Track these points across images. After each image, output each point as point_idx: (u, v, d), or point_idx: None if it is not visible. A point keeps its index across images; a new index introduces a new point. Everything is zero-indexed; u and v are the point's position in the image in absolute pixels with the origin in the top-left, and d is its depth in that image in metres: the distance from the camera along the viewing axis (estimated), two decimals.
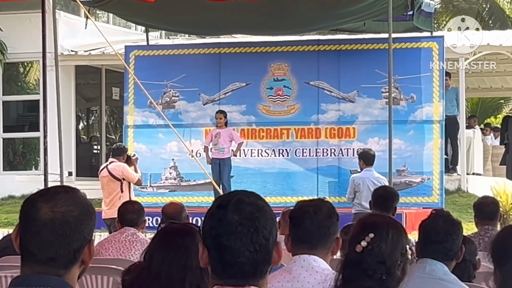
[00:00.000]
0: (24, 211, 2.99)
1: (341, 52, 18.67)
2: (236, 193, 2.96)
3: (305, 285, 4.30)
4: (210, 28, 17.56)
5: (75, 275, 3.02)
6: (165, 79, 18.97)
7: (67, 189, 3.10)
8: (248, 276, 2.84)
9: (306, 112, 18.56)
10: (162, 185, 18.74)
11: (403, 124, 17.47)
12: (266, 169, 18.44)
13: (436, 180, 17.79)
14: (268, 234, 2.84)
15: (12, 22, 21.69)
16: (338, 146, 18.06)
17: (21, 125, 23.70)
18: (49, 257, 2.95)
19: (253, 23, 16.19)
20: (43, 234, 2.94)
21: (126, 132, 19.47)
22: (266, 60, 18.84)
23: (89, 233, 3.00)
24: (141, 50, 19.70)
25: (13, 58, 22.94)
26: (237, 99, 18.76)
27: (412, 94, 17.93)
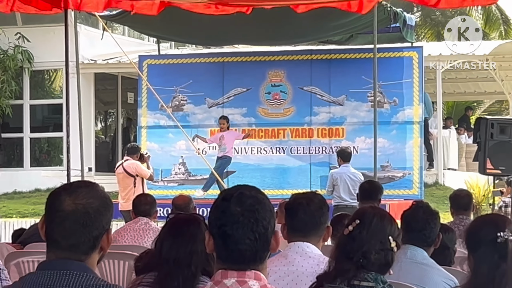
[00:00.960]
0: (49, 203, 3.00)
1: (331, 61, 18.68)
2: (238, 187, 2.98)
3: (299, 269, 4.30)
4: (214, 39, 17.55)
5: (95, 260, 3.03)
6: (175, 85, 18.97)
7: (87, 184, 3.10)
8: (249, 262, 2.85)
9: (300, 114, 18.56)
10: (172, 180, 18.74)
11: (386, 125, 17.46)
12: (265, 165, 18.44)
13: (416, 174, 17.80)
14: (267, 224, 2.85)
15: (38, 34, 21.69)
16: (328, 145, 18.07)
17: (46, 126, 23.70)
18: (72, 244, 2.96)
19: (252, 34, 16.18)
20: (66, 223, 2.94)
21: (140, 132, 19.47)
22: (264, 68, 18.86)
23: (107, 223, 3.01)
24: (153, 59, 19.70)
25: (39, 67, 22.96)
26: (239, 103, 18.77)
27: (394, 98, 17.93)
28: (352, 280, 3.58)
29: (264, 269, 2.91)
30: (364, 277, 3.58)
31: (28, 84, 23.12)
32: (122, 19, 15.58)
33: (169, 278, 4.02)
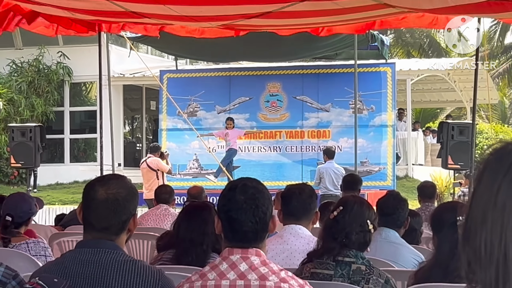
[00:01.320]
0: (85, 192, 3.02)
1: (319, 75, 18.70)
2: (242, 179, 3.02)
3: (293, 247, 4.31)
4: (222, 56, 17.54)
5: (123, 239, 3.05)
6: (189, 95, 18.98)
7: (117, 176, 3.12)
8: (251, 241, 2.87)
9: (294, 119, 18.57)
10: (187, 173, 18.75)
11: (365, 128, 17.45)
12: (264, 161, 18.45)
13: (390, 169, 17.80)
14: (265, 210, 2.87)
15: (76, 53, 21.70)
16: (317, 144, 18.07)
17: (83, 129, 23.71)
18: (104, 226, 2.97)
19: (253, 53, 16.17)
20: (99, 210, 2.96)
21: (161, 134, 19.48)
22: (264, 81, 18.88)
23: (133, 209, 3.03)
24: (172, 73, 19.73)
25: (77, 80, 23.01)
26: (243, 109, 18.77)
27: (372, 105, 17.92)
28: (336, 256, 3.59)
29: (264, 247, 2.93)
30: (347, 254, 3.59)
31: (68, 94, 23.16)
32: (145, 40, 15.61)
33: (185, 254, 4.03)
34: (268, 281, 2.80)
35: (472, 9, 7.51)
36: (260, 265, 2.84)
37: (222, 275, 2.84)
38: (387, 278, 3.57)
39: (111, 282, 2.92)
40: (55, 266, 3.06)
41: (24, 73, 22.54)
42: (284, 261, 4.13)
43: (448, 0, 7.00)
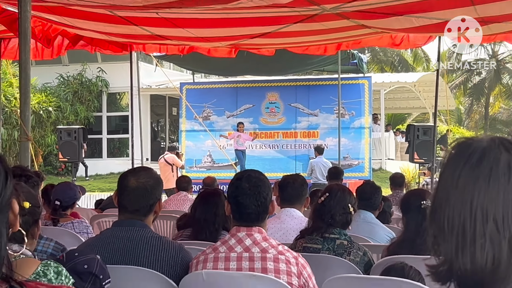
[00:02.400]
0: (120, 181, 3.03)
1: (309, 86, 18.69)
2: (247, 170, 3.05)
3: (288, 226, 4.31)
4: (231, 71, 17.50)
5: (151, 219, 3.05)
6: (204, 102, 18.99)
7: (145, 168, 3.12)
8: (254, 221, 2.88)
9: (289, 122, 18.57)
10: (202, 166, 18.73)
11: (347, 129, 17.44)
12: (265, 156, 18.43)
13: (367, 162, 17.78)
14: (266, 195, 2.88)
15: (112, 68, 21.72)
16: (308, 143, 18.05)
17: (117, 130, 23.73)
18: (135, 209, 2.98)
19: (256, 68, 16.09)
20: (131, 195, 2.96)
21: (181, 134, 19.48)
22: (264, 91, 18.89)
23: (159, 195, 3.03)
24: (190, 84, 19.73)
25: (112, 90, 23.04)
26: (247, 114, 18.77)
27: (352, 111, 17.90)
28: (323, 233, 3.60)
29: (265, 226, 2.94)
30: (332, 231, 3.60)
31: (105, 102, 23.20)
32: (168, 58, 15.59)
33: (200, 232, 4.03)
34: (268, 253, 2.80)
35: (433, 28, 7.51)
36: (262, 240, 2.84)
37: (231, 249, 2.85)
38: (365, 251, 3.58)
39: (141, 254, 2.92)
40: (95, 241, 3.07)
41: (69, 85, 22.60)
42: (281, 237, 4.13)
43: (414, 22, 7.00)
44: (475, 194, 1.23)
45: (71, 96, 22.37)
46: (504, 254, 1.21)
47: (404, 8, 6.43)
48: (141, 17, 7.15)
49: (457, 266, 1.24)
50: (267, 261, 2.78)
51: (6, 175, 1.24)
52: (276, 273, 2.75)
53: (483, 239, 1.21)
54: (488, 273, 1.22)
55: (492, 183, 1.23)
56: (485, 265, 1.21)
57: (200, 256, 2.91)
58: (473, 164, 1.25)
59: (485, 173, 1.24)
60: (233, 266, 2.80)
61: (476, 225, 1.22)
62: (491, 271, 1.22)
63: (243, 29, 7.80)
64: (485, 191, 1.23)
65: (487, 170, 1.24)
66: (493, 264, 1.21)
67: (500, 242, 1.21)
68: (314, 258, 3.27)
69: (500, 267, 1.21)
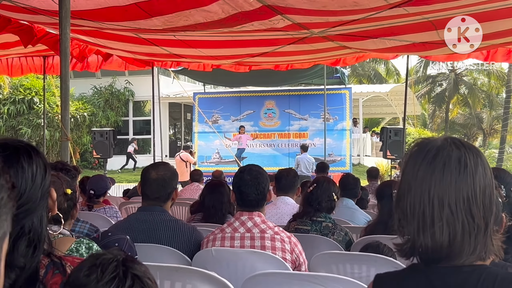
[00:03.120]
0: (143, 174, 3.03)
1: (300, 95, 18.66)
2: (248, 165, 3.02)
3: (282, 211, 4.31)
4: (235, 83, 17.51)
5: (169, 205, 3.05)
6: (213, 109, 18.97)
7: (164, 163, 3.11)
8: (254, 206, 2.87)
9: (283, 125, 18.54)
10: (212, 161, 18.70)
11: (331, 131, 17.41)
12: (263, 153, 18.39)
13: (348, 158, 17.76)
14: (264, 186, 2.88)
15: (137, 80, 21.74)
16: (299, 142, 17.96)
17: (141, 132, 23.72)
18: (156, 197, 2.98)
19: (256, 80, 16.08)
20: (153, 185, 2.96)
21: (194, 135, 19.45)
22: (263, 99, 18.87)
23: (175, 184, 3.03)
24: (201, 94, 19.69)
25: (137, 99, 23.02)
26: (249, 119, 18.75)
27: (335, 116, 17.88)
28: (312, 217, 3.60)
29: (263, 211, 2.93)
30: (319, 215, 3.60)
31: (131, 108, 23.19)
32: (183, 72, 15.57)
33: (210, 217, 4.03)
34: (266, 233, 2.80)
35: (403, 49, 7.52)
36: (261, 223, 2.84)
37: (235, 230, 2.85)
38: (346, 231, 3.58)
39: (161, 235, 2.93)
40: (123, 223, 3.07)
41: (102, 95, 22.60)
42: (277, 220, 4.13)
43: (387, 43, 7.00)
44: (432, 185, 1.25)
45: (103, 104, 22.37)
46: (458, 233, 1.23)
47: (379, 32, 6.43)
48: (161, 39, 7.16)
49: (419, 244, 1.26)
50: (265, 240, 2.78)
51: (46, 169, 1.25)
52: (273, 250, 2.76)
53: (441, 222, 1.23)
54: (446, 249, 1.24)
55: (446, 175, 1.24)
56: (443, 243, 1.23)
57: (210, 236, 2.91)
58: (430, 160, 1.27)
59: (439, 167, 1.25)
60: (237, 244, 2.80)
61: (434, 210, 1.24)
62: (448, 247, 1.24)
63: (245, 49, 7.80)
64: (440, 181, 1.24)
65: (441, 164, 1.25)
66: (449, 242, 1.23)
67: (454, 223, 1.23)
68: (304, 237, 3.27)
69: (455, 244, 1.23)
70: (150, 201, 2.99)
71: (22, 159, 1.20)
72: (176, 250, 2.84)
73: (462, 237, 1.23)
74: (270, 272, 2.34)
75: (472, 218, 1.23)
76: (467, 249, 1.23)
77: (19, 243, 1.14)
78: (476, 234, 1.23)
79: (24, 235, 1.15)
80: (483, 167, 1.26)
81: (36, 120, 20.56)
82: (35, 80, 20.52)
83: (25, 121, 20.79)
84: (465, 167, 1.24)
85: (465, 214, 1.23)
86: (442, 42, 6.51)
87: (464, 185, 1.23)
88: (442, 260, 1.25)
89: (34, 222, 1.17)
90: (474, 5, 5.16)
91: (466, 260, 1.24)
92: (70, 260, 1.32)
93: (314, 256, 2.89)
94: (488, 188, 1.25)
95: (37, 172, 1.21)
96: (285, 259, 2.74)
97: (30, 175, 1.20)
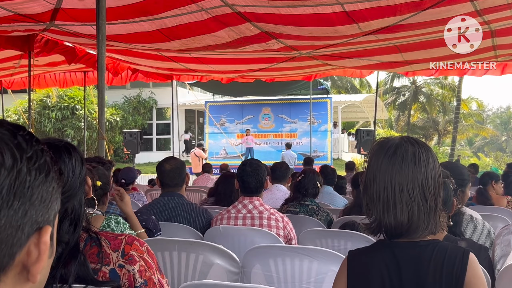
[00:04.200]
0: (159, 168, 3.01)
1: (291, 103, 18.63)
2: (250, 159, 3.01)
3: (277, 196, 4.30)
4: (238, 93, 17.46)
5: (184, 189, 3.03)
6: (221, 114, 18.94)
7: (172, 157, 3.11)
8: (254, 192, 2.86)
9: (277, 127, 18.53)
10: (220, 156, 18.67)
11: (316, 132, 17.40)
12: (261, 150, 18.29)
13: (329, 154, 17.75)
14: (262, 176, 2.86)
15: (159, 91, 21.66)
16: (290, 141, 18.06)
17: (163, 133, 23.64)
18: (175, 183, 2.97)
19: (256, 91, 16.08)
20: (170, 174, 2.95)
21: (205, 136, 19.42)
22: (261, 106, 18.84)
23: (185, 170, 3.02)
24: (211, 102, 19.68)
25: (160, 106, 22.87)
26: (250, 122, 18.73)
27: (319, 119, 17.88)
28: (300, 201, 3.59)
29: (261, 196, 2.91)
30: (306, 200, 3.59)
31: (155, 114, 23.07)
32: (196, 84, 15.54)
33: (221, 200, 4.02)
34: (264, 214, 2.80)
35: (374, 66, 7.53)
36: (259, 205, 2.84)
37: (238, 211, 2.84)
38: (328, 212, 3.58)
39: (179, 215, 2.92)
40: (149, 206, 3.06)
41: (131, 103, 22.51)
42: (272, 204, 4.13)
43: (361, 62, 7.00)
44: (393, 174, 1.25)
45: (132, 110, 22.29)
46: (415, 213, 1.24)
47: (354, 53, 6.44)
48: (179, 56, 7.15)
49: (384, 222, 1.26)
50: (262, 219, 2.78)
51: (82, 162, 1.25)
52: (269, 227, 2.75)
53: (401, 204, 1.24)
54: (406, 225, 1.25)
55: (404, 166, 1.25)
56: (403, 221, 1.24)
57: (218, 216, 2.91)
58: (390, 155, 1.27)
59: (398, 160, 1.26)
60: (240, 222, 2.80)
61: (395, 195, 1.25)
62: (407, 224, 1.25)
63: (247, 65, 7.80)
64: (400, 172, 1.25)
65: (400, 158, 1.26)
66: (408, 219, 1.24)
67: (412, 205, 1.24)
68: (294, 217, 3.27)
69: (413, 221, 1.24)
70: (170, 188, 2.98)
71: (63, 155, 1.20)
72: (191, 228, 2.84)
73: (418, 216, 1.24)
74: (267, 245, 2.34)
75: (425, 200, 1.24)
76: (422, 225, 1.24)
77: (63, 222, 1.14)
78: (429, 213, 1.24)
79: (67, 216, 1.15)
80: (433, 160, 1.27)
81: (78, 123, 20.54)
82: (77, 91, 20.50)
83: (69, 124, 20.78)
84: (419, 160, 1.25)
85: (420, 197, 1.24)
86: (406, 62, 6.53)
87: (419, 174, 1.24)
88: (403, 235, 1.26)
89: (75, 205, 1.17)
90: (427, 34, 5.19)
91: (422, 234, 1.25)
92: (104, 234, 1.33)
93: (302, 232, 2.89)
94: (437, 176, 1.27)
95: (75, 165, 1.21)
96: (279, 235, 2.74)
97: (70, 167, 1.20)
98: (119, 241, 1.28)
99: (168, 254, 2.31)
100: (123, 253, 1.25)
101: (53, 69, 8.65)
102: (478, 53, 5.71)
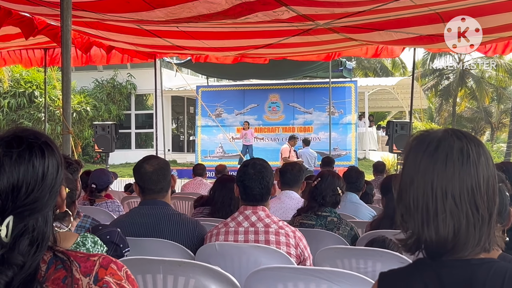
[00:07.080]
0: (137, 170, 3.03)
1: (305, 89, 18.67)
2: (252, 158, 3.02)
3: (287, 205, 4.30)
4: (239, 76, 17.50)
5: (169, 196, 3.05)
6: (216, 102, 19.01)
7: (152, 156, 3.13)
8: (258, 201, 2.87)
9: (288, 119, 18.57)
10: (215, 156, 18.77)
11: (336, 125, 17.43)
12: (267, 147, 18.40)
13: (353, 153, 17.79)
14: (268, 180, 2.87)
15: (139, 73, 21.70)
16: (303, 136, 17.92)
17: (144, 126, 23.69)
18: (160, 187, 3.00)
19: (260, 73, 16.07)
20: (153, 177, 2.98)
21: (197, 129, 19.51)
22: (267, 92, 18.88)
23: (170, 171, 3.04)
24: (204, 87, 19.73)
25: (140, 92, 22.96)
26: (253, 112, 18.78)
27: (341, 109, 17.90)
28: (317, 212, 3.59)
29: (268, 205, 2.93)
30: (324, 210, 3.59)
31: (134, 102, 23.15)
32: (185, 65, 15.54)
33: (218, 212, 4.03)
34: (271, 228, 2.81)
35: (409, 42, 7.50)
36: (265, 217, 2.84)
37: (239, 224, 2.85)
38: (352, 226, 3.58)
39: (163, 229, 2.93)
40: (125, 218, 3.07)
41: (103, 88, 22.59)
42: (281, 215, 4.13)
43: (393, 36, 6.98)
44: (435, 176, 1.24)
45: (105, 97, 22.38)
46: (462, 225, 1.22)
47: (385, 24, 6.41)
48: (163, 30, 7.15)
49: (423, 238, 1.25)
50: (269, 234, 2.78)
51: (58, 168, 1.21)
52: (277, 245, 2.76)
53: (444, 214, 1.23)
54: (451, 241, 1.23)
55: (448, 166, 1.24)
56: (448, 235, 1.23)
57: (214, 230, 2.91)
58: (431, 151, 1.26)
59: (442, 158, 1.25)
60: (241, 238, 2.80)
61: (437, 202, 1.23)
62: (453, 239, 1.23)
63: (249, 40, 7.79)
64: (443, 173, 1.24)
65: (443, 155, 1.25)
66: (454, 234, 1.23)
67: (458, 215, 1.22)
68: (309, 232, 3.27)
69: (460, 236, 1.23)
70: (153, 195, 2.98)
71: (34, 157, 1.17)
72: (179, 245, 2.84)
73: (467, 229, 1.22)
74: (275, 267, 2.34)
75: (476, 209, 1.22)
76: (472, 240, 1.22)
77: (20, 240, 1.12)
78: (481, 226, 1.22)
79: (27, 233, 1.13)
80: (485, 158, 1.25)
81: (37, 114, 20.62)
82: (36, 73, 20.55)
83: (26, 115, 20.86)
84: (468, 158, 1.24)
85: (469, 205, 1.22)
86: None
87: (467, 176, 1.23)
88: (447, 253, 1.24)
89: (39, 221, 1.16)
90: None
91: (472, 252, 1.23)
92: (73, 254, 1.30)
93: (319, 251, 2.89)
94: (491, 178, 1.25)
95: (47, 172, 1.18)
96: (290, 253, 2.74)
97: (40, 174, 1.17)
98: (91, 263, 1.23)
99: (151, 278, 2.32)
100: (96, 279, 1.21)
101: (5, 45, 8.67)
102: None
